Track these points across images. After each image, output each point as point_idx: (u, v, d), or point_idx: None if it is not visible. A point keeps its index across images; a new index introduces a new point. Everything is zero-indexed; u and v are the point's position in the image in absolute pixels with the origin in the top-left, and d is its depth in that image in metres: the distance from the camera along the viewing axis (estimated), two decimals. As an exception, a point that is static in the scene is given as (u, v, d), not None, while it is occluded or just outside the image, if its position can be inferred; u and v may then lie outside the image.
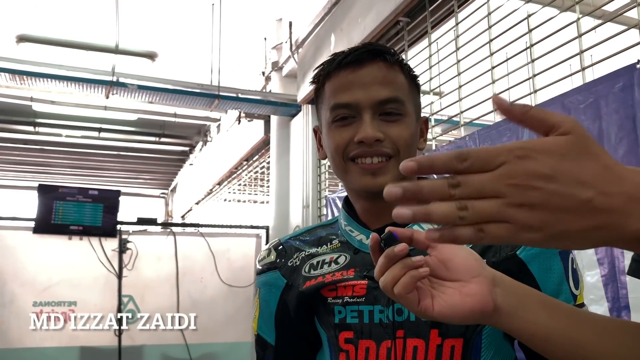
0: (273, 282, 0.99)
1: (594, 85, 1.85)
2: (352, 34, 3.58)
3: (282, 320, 0.98)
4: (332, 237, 0.98)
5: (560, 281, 0.83)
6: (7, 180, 9.61)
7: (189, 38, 5.24)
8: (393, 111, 0.87)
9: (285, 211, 4.57)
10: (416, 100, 0.94)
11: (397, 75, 0.90)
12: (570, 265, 0.85)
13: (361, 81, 0.87)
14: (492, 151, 0.45)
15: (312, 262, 0.95)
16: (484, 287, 0.65)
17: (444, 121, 3.19)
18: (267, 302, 0.99)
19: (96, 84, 4.19)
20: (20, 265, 4.23)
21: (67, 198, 4.37)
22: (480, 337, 0.83)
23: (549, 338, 0.66)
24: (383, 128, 0.86)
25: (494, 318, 0.66)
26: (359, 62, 0.88)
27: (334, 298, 0.90)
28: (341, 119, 0.89)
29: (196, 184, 8.47)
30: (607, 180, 0.45)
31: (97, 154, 8.45)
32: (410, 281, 0.63)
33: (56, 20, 4.97)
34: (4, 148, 7.93)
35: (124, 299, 4.45)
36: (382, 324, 0.86)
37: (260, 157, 5.74)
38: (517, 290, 0.68)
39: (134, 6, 4.60)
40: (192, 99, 4.44)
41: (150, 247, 4.62)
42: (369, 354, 0.86)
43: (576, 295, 0.84)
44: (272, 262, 1.00)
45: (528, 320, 0.66)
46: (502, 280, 0.68)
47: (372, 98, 0.86)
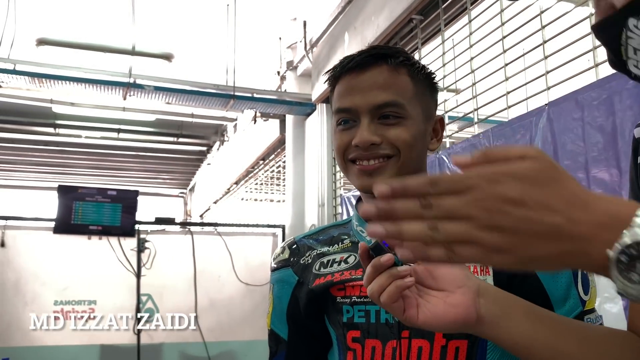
0: (285, 279, 1.01)
1: (608, 81, 1.83)
2: (366, 32, 3.58)
3: (294, 317, 1.00)
4: (343, 236, 1.00)
5: (569, 286, 0.82)
6: (29, 181, 9.76)
7: (205, 39, 5.28)
8: (391, 114, 0.88)
9: (301, 210, 4.59)
10: (425, 101, 0.93)
11: (399, 78, 0.90)
12: (580, 271, 0.83)
13: (361, 86, 0.89)
14: (464, 176, 0.47)
15: (322, 261, 0.97)
16: (468, 298, 0.67)
17: (458, 118, 3.17)
18: (280, 299, 1.02)
19: (113, 86, 4.25)
20: (41, 264, 4.30)
21: (86, 198, 4.43)
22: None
23: (532, 347, 0.67)
24: (381, 131, 0.87)
25: (477, 328, 0.68)
26: (362, 66, 0.90)
27: (343, 297, 0.92)
28: (343, 123, 0.91)
29: (214, 183, 8.53)
30: (574, 206, 0.46)
31: (116, 154, 8.55)
32: (396, 291, 0.66)
33: (74, 23, 5.04)
34: (26, 149, 8.06)
35: (142, 297, 4.50)
36: (388, 324, 0.87)
37: (276, 157, 5.77)
38: (502, 300, 0.70)
39: (150, 8, 4.65)
40: (207, 99, 4.47)
41: (168, 246, 4.67)
42: (375, 354, 0.87)
43: (585, 301, 0.83)
44: (286, 259, 1.03)
45: (511, 329, 0.67)
46: (487, 290, 0.70)
47: (369, 103, 0.88)
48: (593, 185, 1.85)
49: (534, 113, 2.17)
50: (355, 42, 3.70)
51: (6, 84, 3.97)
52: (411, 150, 0.88)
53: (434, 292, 0.69)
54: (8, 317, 4.12)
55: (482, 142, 2.48)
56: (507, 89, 2.45)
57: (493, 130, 2.41)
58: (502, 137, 2.35)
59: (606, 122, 1.82)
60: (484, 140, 2.47)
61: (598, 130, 1.86)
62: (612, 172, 1.80)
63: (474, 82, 2.70)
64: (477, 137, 2.54)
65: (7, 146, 7.86)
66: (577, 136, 1.95)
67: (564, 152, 2.00)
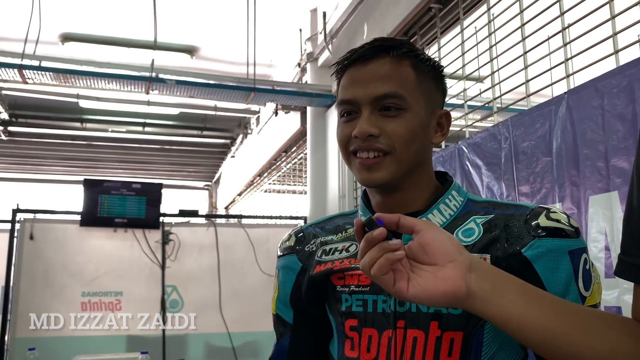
0: (290, 266, 1.03)
1: (628, 68, 1.79)
2: (385, 22, 3.56)
3: (297, 302, 1.01)
4: (347, 226, 1.01)
5: (568, 282, 0.80)
6: (57, 175, 9.97)
7: (225, 32, 5.31)
8: (392, 106, 0.87)
9: (322, 201, 4.60)
10: (429, 93, 0.92)
11: (402, 69, 0.89)
12: (581, 266, 0.82)
13: (363, 78, 0.89)
14: None
15: (325, 249, 0.99)
16: (459, 272, 0.68)
17: (478, 108, 3.14)
18: (284, 284, 1.03)
19: (136, 81, 4.30)
20: (69, 257, 4.40)
21: (111, 192, 4.51)
22: (482, 331, 0.83)
23: (524, 325, 0.67)
24: (381, 123, 0.87)
25: (467, 302, 0.68)
26: (365, 58, 0.89)
27: (342, 286, 0.93)
28: (346, 115, 0.91)
29: (238, 175, 8.59)
30: None
31: (142, 148, 8.67)
32: (385, 263, 0.67)
33: (97, 19, 5.12)
34: (54, 144, 8.23)
35: (167, 289, 4.57)
36: (384, 313, 0.87)
37: (298, 149, 5.78)
38: (494, 277, 0.70)
39: (171, 2, 4.69)
40: (228, 92, 4.50)
41: (192, 238, 4.72)
42: (372, 342, 0.88)
43: (585, 297, 0.81)
44: (291, 246, 1.05)
45: (502, 306, 0.67)
46: (479, 266, 0.70)
47: (369, 94, 0.87)
48: (613, 175, 1.82)
49: (554, 101, 2.14)
50: (375, 33, 3.68)
51: (32, 80, 4.05)
52: (408, 146, 0.87)
53: (426, 267, 0.69)
54: (37, 309, 4.23)
55: (501, 131, 2.45)
56: (526, 77, 2.42)
57: (512, 120, 2.38)
58: (521, 127, 2.32)
59: (626, 109, 1.78)
60: (503, 130, 2.43)
61: (618, 118, 1.82)
62: (632, 161, 1.75)
63: (492, 70, 2.66)
64: (496, 126, 2.51)
65: (36, 141, 8.04)
66: (596, 125, 1.91)
67: (584, 141, 1.96)
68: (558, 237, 0.82)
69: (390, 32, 3.43)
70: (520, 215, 0.86)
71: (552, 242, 0.81)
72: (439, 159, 2.92)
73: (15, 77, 4.00)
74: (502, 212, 0.88)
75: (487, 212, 0.89)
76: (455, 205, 0.91)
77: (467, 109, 2.93)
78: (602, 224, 1.86)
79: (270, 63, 6.07)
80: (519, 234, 0.83)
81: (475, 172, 2.62)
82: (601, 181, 1.88)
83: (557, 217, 0.84)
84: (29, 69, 3.93)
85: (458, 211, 0.91)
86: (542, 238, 0.82)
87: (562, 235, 0.82)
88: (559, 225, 0.83)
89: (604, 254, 1.83)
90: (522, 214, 0.86)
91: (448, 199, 0.92)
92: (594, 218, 1.90)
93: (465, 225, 0.88)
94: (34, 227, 4.36)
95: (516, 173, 2.33)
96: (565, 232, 0.82)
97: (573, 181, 2.01)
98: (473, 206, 0.92)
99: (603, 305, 1.72)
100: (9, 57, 3.93)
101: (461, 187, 0.96)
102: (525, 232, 0.83)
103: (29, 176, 10.03)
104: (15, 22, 4.76)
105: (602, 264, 1.83)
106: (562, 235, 0.82)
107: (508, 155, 2.39)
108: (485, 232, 0.86)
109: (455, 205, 0.92)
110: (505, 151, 2.40)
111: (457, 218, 0.90)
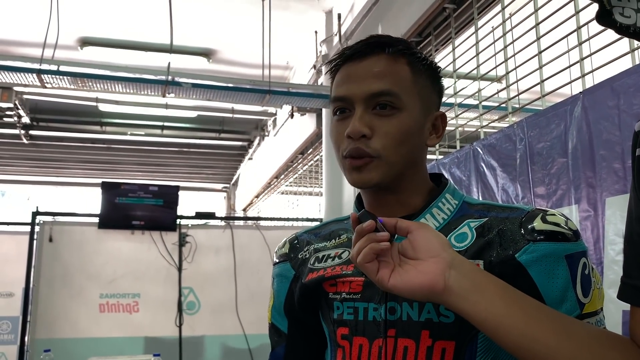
0: (284, 274, 1.01)
1: (644, 66, 1.76)
2: (399, 23, 3.54)
3: (291, 311, 1.00)
4: (341, 232, 0.99)
5: (565, 287, 0.77)
6: (76, 178, 10.10)
7: (241, 34, 5.33)
8: (387, 104, 0.85)
9: (338, 203, 4.59)
10: (425, 93, 0.89)
11: (397, 67, 0.87)
12: (580, 271, 0.78)
13: (357, 74, 0.86)
14: None
15: (318, 256, 0.97)
16: (438, 267, 0.70)
17: (493, 108, 3.10)
18: (279, 292, 1.02)
19: (152, 84, 4.33)
20: (87, 259, 4.45)
21: (129, 194, 4.56)
22: (476, 341, 0.80)
23: (500, 327, 0.66)
24: (374, 122, 0.84)
25: (444, 297, 0.69)
26: (360, 55, 0.87)
27: (334, 293, 0.91)
28: (339, 112, 0.89)
29: (255, 177, 8.62)
30: None
31: (160, 150, 8.75)
32: (369, 252, 0.71)
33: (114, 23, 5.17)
34: (74, 147, 8.34)
35: (184, 290, 4.61)
36: (375, 321, 0.85)
37: (314, 151, 5.78)
38: (474, 275, 0.70)
39: (187, 5, 4.72)
40: (243, 95, 4.51)
41: (209, 240, 4.75)
42: (362, 352, 0.85)
43: (584, 304, 0.77)
44: (286, 254, 1.03)
45: (480, 305, 0.68)
46: (462, 264, 0.71)
47: (364, 91, 0.85)
48: (630, 176, 1.78)
49: (569, 102, 2.10)
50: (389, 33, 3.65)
51: (51, 84, 4.11)
52: (399, 147, 0.85)
53: (411, 261, 0.72)
54: (56, 310, 4.29)
55: (516, 132, 2.41)
56: (541, 77, 2.38)
57: (527, 120, 2.34)
58: (536, 127, 2.28)
59: (643, 109, 1.74)
60: (518, 130, 2.40)
61: (635, 118, 1.78)
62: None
63: (507, 70, 2.63)
64: (511, 127, 2.48)
65: (57, 144, 8.15)
66: (613, 125, 1.87)
67: (599, 142, 1.93)
68: (554, 240, 0.78)
69: (405, 33, 3.41)
70: (515, 219, 0.82)
71: (548, 246, 0.78)
72: (453, 160, 2.89)
73: (34, 81, 4.05)
74: (497, 215, 0.85)
75: (482, 215, 0.86)
76: (449, 209, 0.89)
77: (481, 109, 2.90)
78: (619, 226, 1.82)
79: (286, 65, 6.08)
80: (513, 238, 0.80)
81: (490, 173, 2.59)
82: (618, 182, 1.84)
83: (554, 219, 0.80)
84: (48, 73, 3.98)
85: (452, 215, 0.88)
86: (538, 242, 0.78)
87: (559, 239, 0.78)
88: (556, 229, 0.79)
89: (621, 257, 1.79)
90: (517, 217, 0.82)
91: (442, 203, 0.89)
92: (611, 220, 1.86)
93: (459, 230, 0.86)
94: (53, 229, 4.42)
95: (531, 174, 2.30)
96: (562, 236, 0.79)
97: (589, 182, 1.97)
98: (468, 209, 0.89)
99: (614, 310, 1.68)
100: (28, 62, 3.99)
101: (457, 189, 0.93)
102: (519, 236, 0.80)
103: (49, 179, 10.18)
104: (34, 27, 4.83)
105: (619, 267, 1.78)
106: (558, 239, 0.78)
107: (523, 156, 2.36)
108: (479, 236, 0.83)
109: (449, 208, 0.89)
110: (521, 152, 2.37)
111: (450, 222, 0.87)
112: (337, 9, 4.74)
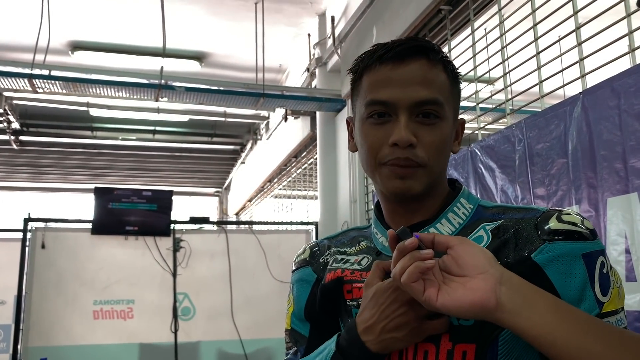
0: (305, 278, 1.01)
1: (645, 66, 1.75)
2: (394, 25, 3.53)
3: (312, 314, 0.99)
4: (361, 239, 0.98)
5: (583, 287, 0.76)
6: (68, 184, 10.01)
7: (234, 38, 5.30)
8: (432, 113, 0.83)
9: (333, 207, 4.57)
10: (456, 103, 0.90)
11: (439, 74, 0.85)
12: (598, 270, 0.77)
13: (401, 79, 0.83)
14: None
15: (337, 258, 0.97)
16: (488, 284, 0.68)
17: (490, 110, 3.10)
18: (299, 298, 1.01)
19: (145, 88, 4.30)
20: (80, 265, 4.40)
21: (122, 199, 4.52)
22: (497, 343, 0.79)
23: (554, 341, 0.65)
24: (418, 131, 0.83)
25: (497, 315, 0.68)
26: (400, 58, 0.84)
27: (352, 300, 0.90)
28: (376, 116, 0.85)
29: (248, 181, 8.59)
30: None
31: (152, 155, 8.70)
32: (414, 271, 0.69)
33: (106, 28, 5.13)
34: (65, 153, 8.28)
35: (179, 296, 4.57)
36: None
37: (308, 154, 5.76)
38: (526, 290, 0.69)
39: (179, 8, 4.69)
40: (237, 98, 4.49)
41: (203, 245, 4.72)
42: None
43: (603, 303, 0.77)
44: (306, 259, 1.03)
45: (533, 321, 0.67)
46: (510, 279, 0.70)
47: (410, 98, 0.82)
48: (632, 176, 1.78)
49: (568, 102, 2.10)
50: (383, 36, 3.65)
51: (42, 89, 4.07)
52: (440, 157, 0.85)
53: (457, 278, 0.70)
54: (49, 318, 4.23)
55: (515, 133, 2.41)
56: (539, 78, 2.38)
57: (526, 121, 2.34)
58: (535, 128, 2.28)
59: (644, 109, 1.74)
60: (516, 132, 2.40)
61: (635, 118, 1.78)
62: (651, 162, 1.72)
63: (505, 72, 2.62)
64: (509, 128, 2.47)
65: (47, 150, 8.08)
66: (613, 125, 1.87)
67: (600, 142, 1.92)
68: (571, 240, 0.78)
69: (400, 35, 3.40)
70: (530, 219, 0.82)
71: (564, 245, 0.77)
72: (451, 162, 2.88)
73: (25, 86, 4.01)
74: (512, 217, 0.84)
75: (497, 217, 0.86)
76: (464, 213, 0.88)
77: (479, 111, 2.90)
78: (621, 227, 1.82)
79: (279, 68, 6.07)
80: (529, 239, 0.80)
81: (489, 175, 2.58)
82: (620, 182, 1.84)
83: (570, 219, 0.80)
84: (39, 78, 3.94)
85: (468, 219, 0.88)
86: (554, 242, 0.78)
87: (575, 238, 0.78)
88: (572, 228, 0.78)
89: (624, 257, 1.79)
90: (532, 218, 0.82)
91: (457, 207, 0.89)
92: (613, 220, 1.86)
93: (475, 234, 0.85)
94: (46, 236, 4.37)
95: (531, 175, 2.29)
96: (578, 235, 0.78)
97: (590, 183, 1.97)
98: (483, 213, 0.88)
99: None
100: (19, 67, 3.95)
101: (471, 194, 0.92)
102: (535, 236, 0.79)
103: (40, 185, 10.09)
104: (25, 31, 4.78)
105: (622, 268, 1.78)
106: (575, 238, 0.78)
107: (522, 157, 2.35)
108: (494, 238, 0.83)
109: (465, 213, 0.88)
110: (520, 153, 2.36)
111: (466, 226, 0.87)
112: (330, 11, 4.73)
